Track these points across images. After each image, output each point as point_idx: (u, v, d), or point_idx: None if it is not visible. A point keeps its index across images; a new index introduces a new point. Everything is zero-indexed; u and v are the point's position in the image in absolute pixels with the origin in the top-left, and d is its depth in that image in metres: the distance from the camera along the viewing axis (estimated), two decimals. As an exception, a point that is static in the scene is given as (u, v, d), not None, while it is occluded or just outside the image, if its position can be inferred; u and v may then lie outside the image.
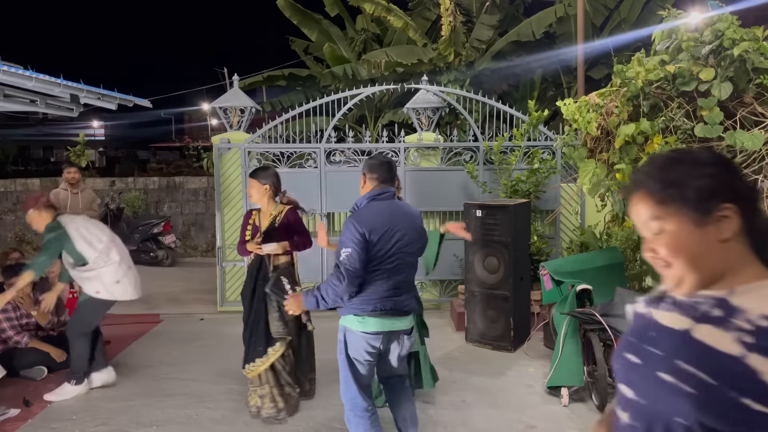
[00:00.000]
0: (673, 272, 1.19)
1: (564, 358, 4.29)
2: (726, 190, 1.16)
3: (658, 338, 1.21)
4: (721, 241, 1.15)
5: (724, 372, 1.08)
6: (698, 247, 1.15)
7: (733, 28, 3.66)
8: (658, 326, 1.23)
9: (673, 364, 1.14)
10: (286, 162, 7.03)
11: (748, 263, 1.17)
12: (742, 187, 1.19)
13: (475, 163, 6.98)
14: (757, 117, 3.76)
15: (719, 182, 1.17)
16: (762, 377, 1.06)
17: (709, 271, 1.17)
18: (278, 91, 14.24)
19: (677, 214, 1.16)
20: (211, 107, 7.78)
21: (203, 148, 14.00)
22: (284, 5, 12.39)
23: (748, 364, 1.07)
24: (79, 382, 4.56)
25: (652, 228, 1.19)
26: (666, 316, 1.23)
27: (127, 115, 24.40)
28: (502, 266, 5.41)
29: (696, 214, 1.15)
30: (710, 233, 1.15)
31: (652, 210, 1.19)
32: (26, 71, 4.08)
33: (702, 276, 1.17)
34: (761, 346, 1.07)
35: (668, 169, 1.19)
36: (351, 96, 7.21)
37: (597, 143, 4.53)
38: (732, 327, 1.11)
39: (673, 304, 1.23)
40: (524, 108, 7.09)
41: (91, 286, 4.47)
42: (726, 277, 1.17)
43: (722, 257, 1.16)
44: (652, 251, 1.21)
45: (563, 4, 10.66)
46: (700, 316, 1.16)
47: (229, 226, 7.22)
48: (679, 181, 1.16)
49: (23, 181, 12.47)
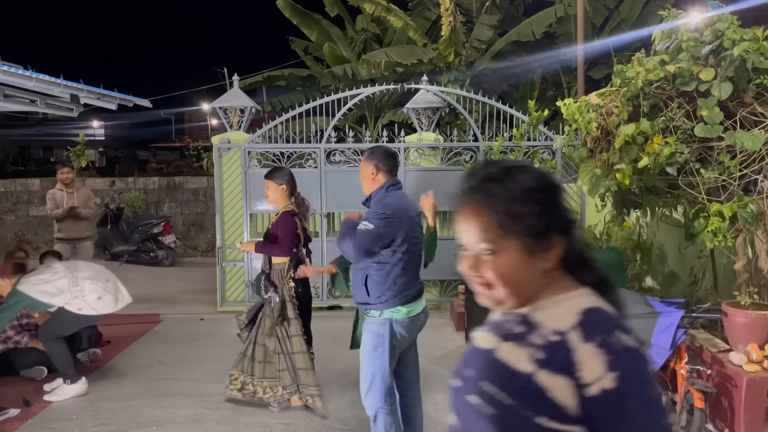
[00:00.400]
0: (493, 294, 1.15)
1: (564, 358, 4.28)
2: (561, 222, 1.16)
3: (474, 359, 1.18)
4: (544, 270, 1.14)
5: (518, 391, 1.07)
6: (525, 274, 1.13)
7: (733, 28, 3.65)
8: (474, 347, 1.21)
9: (479, 386, 1.11)
10: (286, 162, 7.03)
11: (558, 279, 1.17)
12: (570, 218, 1.18)
13: (475, 164, 6.97)
14: (757, 117, 3.75)
15: (558, 214, 1.16)
16: (550, 394, 1.04)
17: (528, 294, 1.15)
18: (278, 91, 14.24)
19: (515, 241, 1.11)
20: (211, 107, 7.79)
21: (203, 148, 14.00)
22: (284, 5, 12.38)
23: (538, 382, 1.05)
24: (74, 381, 4.56)
25: (481, 248, 1.13)
26: (481, 336, 1.21)
27: (127, 115, 24.37)
28: (502, 266, 5.40)
29: (532, 245, 1.12)
30: (538, 262, 1.13)
31: (488, 231, 1.12)
32: (26, 71, 4.08)
33: (521, 300, 1.15)
34: (550, 362, 1.06)
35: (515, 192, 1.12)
36: (351, 96, 7.21)
37: (597, 143, 4.52)
38: (527, 344, 1.10)
39: (489, 324, 1.22)
40: (524, 108, 7.08)
41: (73, 305, 4.47)
42: (538, 296, 1.16)
43: (542, 281, 1.15)
44: (476, 271, 1.15)
45: (563, 4, 10.65)
46: (505, 334, 1.15)
47: (229, 226, 7.22)
48: (524, 210, 1.12)
49: (23, 181, 12.46)
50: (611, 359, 1.03)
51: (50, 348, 4.55)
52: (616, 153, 4.11)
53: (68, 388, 4.54)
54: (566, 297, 1.15)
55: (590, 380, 1.03)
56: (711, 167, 3.77)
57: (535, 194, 1.13)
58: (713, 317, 3.96)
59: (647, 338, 3.80)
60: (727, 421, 3.65)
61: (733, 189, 3.73)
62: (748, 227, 3.69)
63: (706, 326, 4.28)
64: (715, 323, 4.16)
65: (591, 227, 6.42)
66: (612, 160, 4.20)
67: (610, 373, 1.02)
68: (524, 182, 1.14)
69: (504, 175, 1.15)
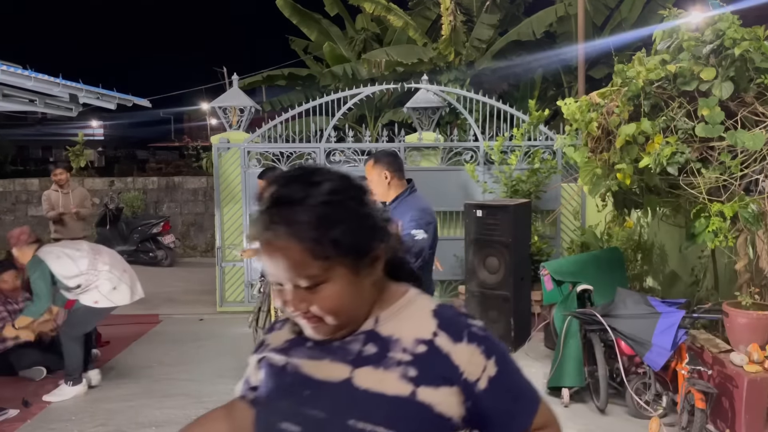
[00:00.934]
0: (325, 326, 1.00)
1: (564, 359, 4.28)
2: (378, 228, 1.02)
3: (318, 396, 1.01)
4: (372, 283, 1.03)
5: (400, 418, 0.95)
6: (357, 296, 1.00)
7: (734, 27, 3.64)
8: (311, 381, 1.02)
9: (345, 426, 0.96)
10: (285, 162, 7.02)
11: (386, 285, 1.07)
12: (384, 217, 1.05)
13: (476, 163, 6.97)
14: (758, 116, 3.75)
15: (373, 220, 1.02)
16: (439, 409, 0.96)
17: (363, 313, 1.03)
18: (278, 90, 14.22)
19: (337, 267, 0.96)
20: (211, 107, 7.77)
21: (202, 148, 13.99)
22: (283, 5, 12.36)
23: (421, 401, 0.95)
24: (76, 383, 4.56)
25: (300, 284, 0.96)
26: (319, 366, 1.03)
27: (126, 115, 24.32)
28: (503, 266, 5.39)
29: (357, 264, 0.98)
30: (366, 278, 1.01)
31: (304, 265, 0.94)
32: (25, 71, 4.07)
33: (357, 321, 1.03)
34: (426, 376, 0.96)
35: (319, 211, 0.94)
36: (351, 96, 7.20)
37: (597, 143, 4.51)
38: (392, 363, 0.98)
39: (321, 350, 1.03)
40: (525, 108, 7.07)
41: (89, 297, 4.47)
42: (374, 309, 1.04)
43: (373, 294, 1.04)
44: (299, 308, 0.98)
45: (564, 4, 10.64)
46: (356, 359, 1.00)
47: (228, 226, 7.21)
48: (337, 230, 0.94)
49: (22, 181, 12.44)
50: (485, 347, 0.99)
51: (69, 348, 4.55)
52: (617, 153, 4.10)
53: (69, 390, 4.54)
54: (404, 303, 1.05)
55: (477, 376, 0.98)
56: (712, 167, 3.76)
57: (343, 207, 0.97)
58: (714, 317, 3.95)
59: (648, 338, 3.79)
60: (728, 422, 3.64)
61: (734, 189, 3.72)
62: (749, 227, 3.68)
63: (707, 327, 4.27)
64: (716, 324, 4.15)
65: (591, 227, 6.42)
66: (613, 160, 4.19)
67: (490, 360, 0.99)
68: (326, 195, 0.95)
69: (300, 192, 0.95)
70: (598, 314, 4.13)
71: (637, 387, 3.97)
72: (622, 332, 3.95)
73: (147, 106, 5.73)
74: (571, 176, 6.67)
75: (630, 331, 3.91)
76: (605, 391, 4.02)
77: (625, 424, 3.97)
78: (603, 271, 4.99)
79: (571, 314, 4.34)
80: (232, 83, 7.43)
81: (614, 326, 4.01)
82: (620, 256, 5.37)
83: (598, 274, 4.91)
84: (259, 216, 0.96)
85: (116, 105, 5.28)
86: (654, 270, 5.95)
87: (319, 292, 0.96)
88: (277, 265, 0.95)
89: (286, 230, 0.93)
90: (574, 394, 4.32)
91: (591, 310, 4.34)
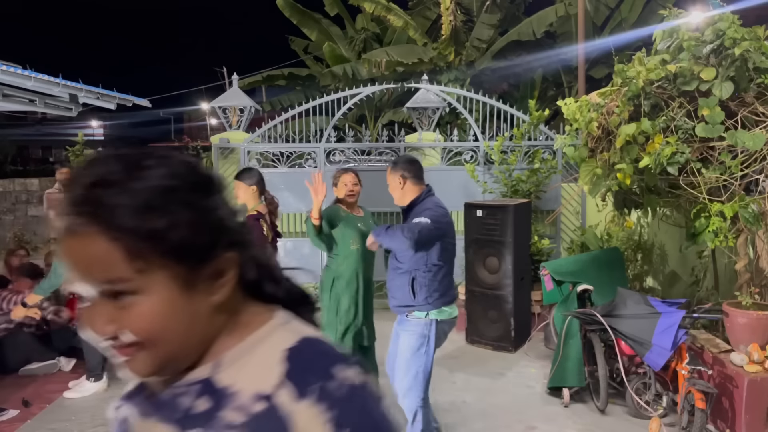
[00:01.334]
0: (141, 359, 0.74)
1: (565, 359, 4.28)
2: (228, 230, 0.78)
3: None
4: (216, 306, 0.77)
5: None
6: (187, 319, 0.75)
7: (734, 27, 3.64)
8: None
9: None
10: (285, 162, 7.02)
11: (241, 312, 0.81)
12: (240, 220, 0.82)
13: (476, 163, 6.97)
14: (758, 116, 3.75)
15: (221, 219, 0.77)
16: None
17: (198, 348, 0.78)
18: (278, 90, 14.24)
19: (161, 271, 0.72)
20: (211, 107, 7.77)
21: (202, 148, 13.98)
22: (284, 4, 12.37)
23: None
24: (98, 379, 4.61)
25: (107, 291, 0.72)
26: (146, 427, 0.80)
27: (126, 115, 24.36)
28: (503, 266, 5.39)
29: (190, 273, 0.74)
30: (204, 296, 0.76)
31: (114, 265, 0.70)
32: (25, 71, 4.07)
33: (188, 359, 0.77)
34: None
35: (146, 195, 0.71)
36: (351, 95, 7.20)
37: (598, 143, 4.51)
38: (221, 426, 0.73)
39: (151, 404, 0.81)
40: (525, 107, 7.07)
41: None
42: (217, 345, 0.78)
43: (216, 323, 0.78)
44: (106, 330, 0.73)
45: (564, 4, 10.65)
46: (184, 418, 0.76)
47: (228, 225, 7.21)
48: (167, 220, 0.71)
49: (22, 181, 12.45)
50: (336, 413, 0.71)
51: (88, 345, 4.56)
52: (617, 153, 4.10)
53: (90, 386, 4.60)
54: (258, 337, 0.78)
55: None
56: (712, 167, 3.76)
57: (177, 196, 0.73)
58: (714, 317, 3.95)
59: (648, 338, 3.79)
60: (728, 422, 3.64)
61: (734, 189, 3.72)
62: (749, 227, 3.68)
63: (707, 326, 4.27)
64: (716, 324, 4.15)
65: (592, 227, 6.42)
66: (613, 160, 4.19)
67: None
68: (157, 180, 0.72)
69: (125, 172, 0.71)
70: (598, 314, 4.13)
71: (637, 387, 3.97)
72: (623, 332, 3.95)
73: (147, 106, 5.73)
74: (571, 176, 6.67)
75: (630, 331, 3.91)
76: (605, 391, 4.02)
77: (625, 424, 3.97)
78: (603, 271, 4.99)
79: (571, 314, 4.34)
80: (232, 83, 7.43)
81: (614, 326, 4.01)
82: (620, 256, 5.37)
83: (598, 274, 4.91)
84: (69, 199, 0.72)
85: (116, 105, 5.29)
86: (654, 270, 5.95)
87: (132, 307, 0.71)
88: (79, 264, 0.71)
89: (96, 217, 0.69)
90: (574, 394, 4.33)
91: (591, 310, 4.33)
